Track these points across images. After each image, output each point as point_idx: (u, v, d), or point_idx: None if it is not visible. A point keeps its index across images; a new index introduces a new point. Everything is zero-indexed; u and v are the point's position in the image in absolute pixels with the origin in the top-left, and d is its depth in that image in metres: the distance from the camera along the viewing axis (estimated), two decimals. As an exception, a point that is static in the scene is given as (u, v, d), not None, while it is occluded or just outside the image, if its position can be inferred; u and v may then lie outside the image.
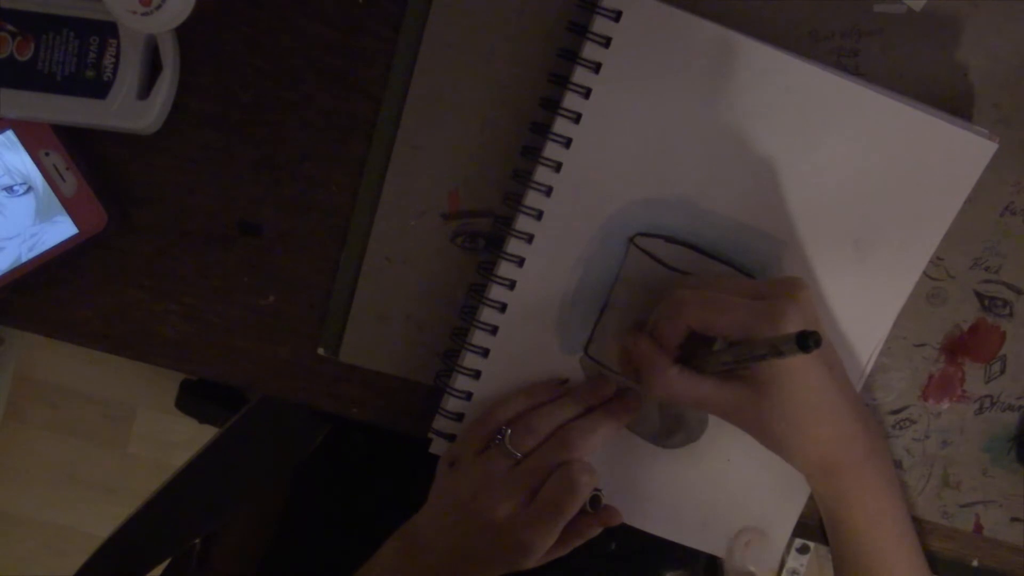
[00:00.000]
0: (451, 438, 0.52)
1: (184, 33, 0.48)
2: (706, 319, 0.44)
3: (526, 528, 0.48)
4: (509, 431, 0.49)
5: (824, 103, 0.48)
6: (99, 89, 0.47)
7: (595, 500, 0.51)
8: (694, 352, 0.46)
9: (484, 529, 0.48)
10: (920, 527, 0.56)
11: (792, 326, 0.42)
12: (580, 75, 0.47)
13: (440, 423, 0.52)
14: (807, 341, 0.37)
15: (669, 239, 0.50)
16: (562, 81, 0.47)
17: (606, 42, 0.46)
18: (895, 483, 0.49)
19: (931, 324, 0.53)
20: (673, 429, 0.53)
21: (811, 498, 0.54)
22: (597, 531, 0.51)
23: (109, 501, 1.46)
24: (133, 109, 0.47)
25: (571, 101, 0.47)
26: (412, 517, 0.52)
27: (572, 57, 0.47)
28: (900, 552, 0.49)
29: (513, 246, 0.49)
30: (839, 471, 0.47)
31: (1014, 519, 0.56)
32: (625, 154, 0.48)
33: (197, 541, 0.74)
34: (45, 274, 0.50)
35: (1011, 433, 0.55)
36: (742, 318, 0.43)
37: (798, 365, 0.43)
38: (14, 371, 1.44)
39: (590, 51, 0.47)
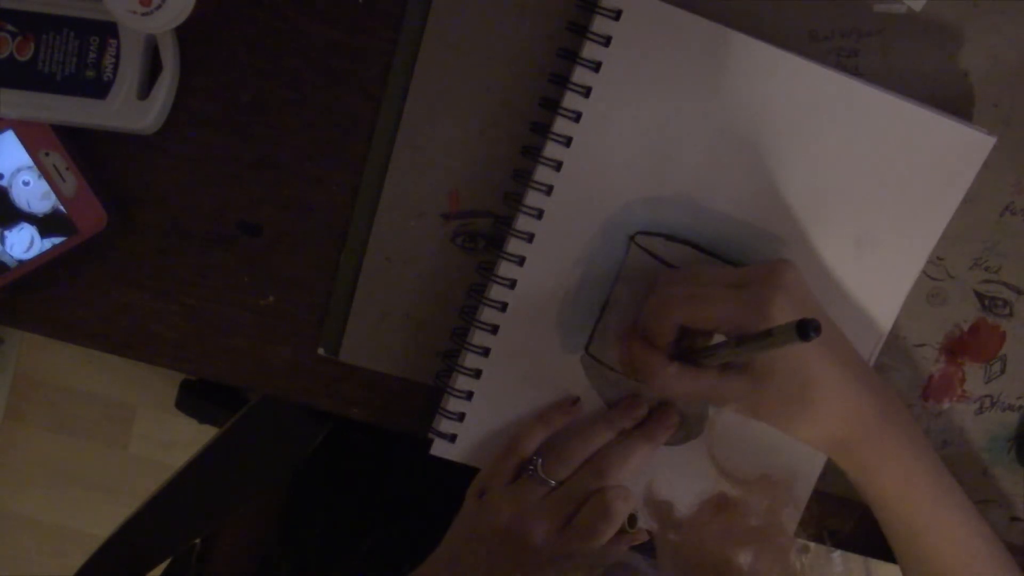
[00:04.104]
0: (452, 438, 0.52)
1: (184, 33, 0.48)
2: (693, 314, 0.44)
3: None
4: (541, 460, 0.49)
5: (822, 100, 0.48)
6: (99, 89, 0.47)
7: (631, 520, 0.51)
8: (692, 343, 0.46)
9: (520, 555, 0.48)
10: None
11: (779, 313, 0.42)
12: (580, 74, 0.47)
13: (440, 423, 0.52)
14: (807, 330, 0.36)
15: (670, 237, 0.50)
16: (562, 81, 0.47)
17: (606, 41, 0.47)
18: (921, 444, 0.47)
19: (931, 324, 0.53)
20: (673, 429, 0.53)
21: (811, 500, 0.54)
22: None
23: (109, 501, 1.46)
24: (133, 109, 0.47)
25: (571, 100, 0.47)
26: (434, 553, 0.50)
27: (572, 57, 0.47)
28: (939, 511, 0.47)
29: (513, 245, 0.49)
30: (856, 444, 0.46)
31: (1014, 519, 0.56)
32: (625, 152, 0.48)
33: (197, 541, 0.74)
34: (45, 274, 0.50)
35: (1011, 433, 0.55)
36: (729, 310, 0.43)
37: (796, 349, 0.42)
38: (14, 371, 1.44)
39: (590, 50, 0.47)
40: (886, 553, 0.53)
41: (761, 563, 0.39)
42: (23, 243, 0.49)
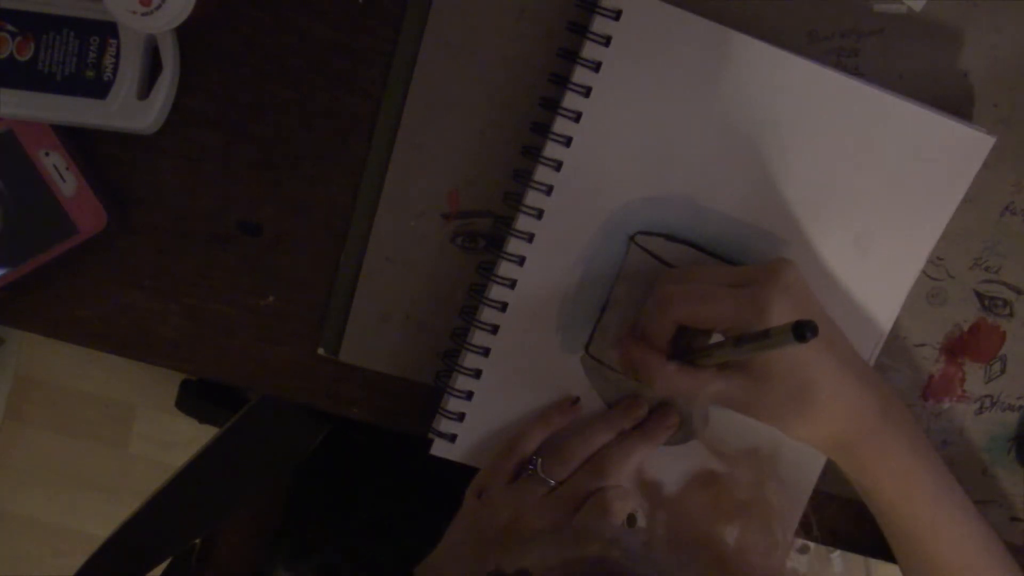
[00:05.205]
0: (452, 438, 0.52)
1: (184, 33, 0.48)
2: (692, 313, 0.44)
3: None
4: (540, 460, 0.49)
5: (822, 100, 0.48)
6: (99, 89, 0.47)
7: (631, 520, 0.51)
8: (690, 342, 0.46)
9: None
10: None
11: (778, 313, 0.42)
12: (580, 74, 0.47)
13: (440, 423, 0.52)
14: (804, 332, 0.36)
15: (670, 237, 0.50)
16: (562, 81, 0.47)
17: (606, 41, 0.47)
18: (921, 445, 0.47)
19: (931, 324, 0.53)
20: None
21: (811, 500, 0.54)
22: None
23: (109, 501, 1.46)
24: (133, 109, 0.48)
25: (571, 100, 0.47)
26: (433, 552, 0.50)
27: (572, 57, 0.47)
28: (938, 511, 0.47)
29: (513, 245, 0.49)
30: (855, 444, 0.46)
31: (1014, 519, 0.56)
32: (625, 152, 0.48)
33: (197, 541, 0.74)
34: (45, 274, 0.50)
35: (1011, 433, 0.55)
36: (728, 309, 0.43)
37: (795, 349, 0.42)
38: (14, 371, 1.44)
39: (590, 50, 0.47)
40: (886, 553, 0.53)
41: (748, 536, 0.39)
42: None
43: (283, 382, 0.53)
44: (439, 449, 0.53)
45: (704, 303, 0.44)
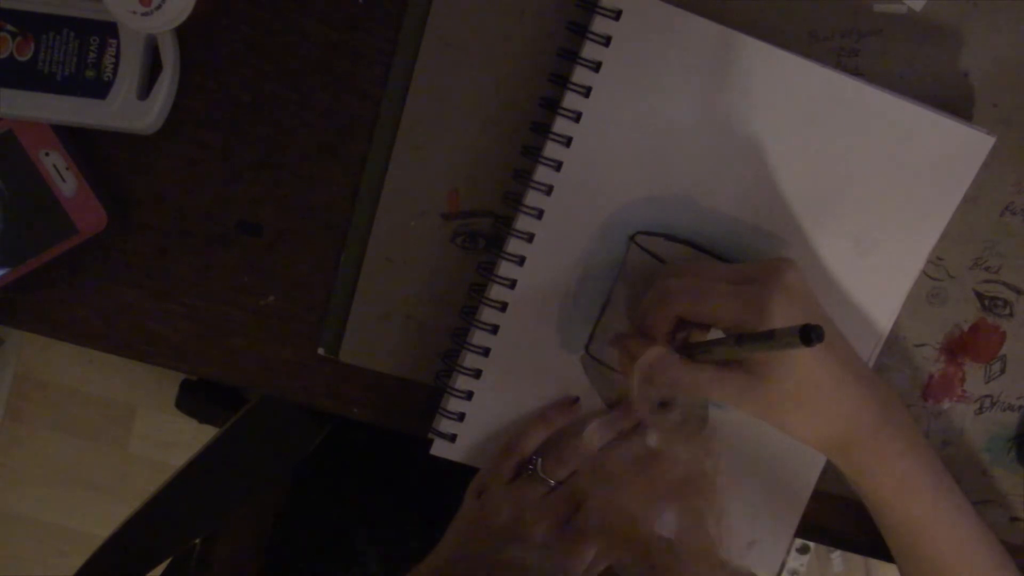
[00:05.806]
0: (452, 438, 0.52)
1: (184, 33, 0.48)
2: (692, 308, 0.44)
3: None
4: (540, 460, 0.49)
5: (822, 100, 0.48)
6: (99, 89, 0.47)
7: None
8: (688, 337, 0.46)
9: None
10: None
11: (779, 312, 0.41)
12: (580, 74, 0.47)
13: (440, 423, 0.52)
14: (811, 336, 0.36)
15: (670, 237, 0.50)
16: (562, 81, 0.47)
17: (606, 41, 0.47)
18: (920, 446, 0.47)
19: (931, 324, 0.53)
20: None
21: (811, 500, 0.54)
22: None
23: (109, 501, 1.46)
24: (133, 109, 0.48)
25: (571, 100, 0.47)
26: (433, 552, 0.50)
27: (572, 56, 0.47)
28: (937, 513, 0.47)
29: (513, 246, 0.49)
30: (853, 445, 0.46)
31: (1014, 519, 0.56)
32: (626, 152, 0.48)
33: (197, 541, 0.74)
34: (45, 274, 0.50)
35: (1011, 433, 0.55)
36: (729, 306, 0.43)
37: (797, 350, 0.42)
38: (14, 371, 1.44)
39: (590, 50, 0.47)
40: (886, 553, 0.53)
41: (683, 522, 0.39)
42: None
43: (283, 382, 0.53)
44: (439, 449, 0.53)
45: (705, 299, 0.44)
